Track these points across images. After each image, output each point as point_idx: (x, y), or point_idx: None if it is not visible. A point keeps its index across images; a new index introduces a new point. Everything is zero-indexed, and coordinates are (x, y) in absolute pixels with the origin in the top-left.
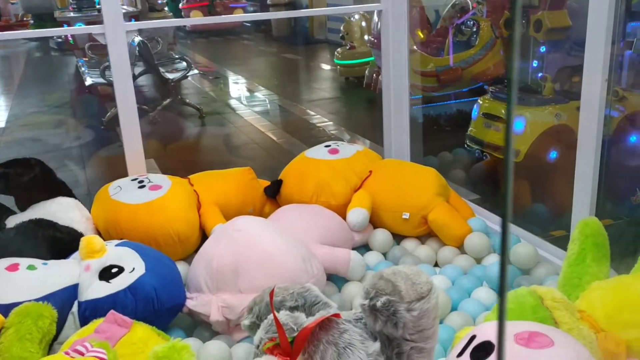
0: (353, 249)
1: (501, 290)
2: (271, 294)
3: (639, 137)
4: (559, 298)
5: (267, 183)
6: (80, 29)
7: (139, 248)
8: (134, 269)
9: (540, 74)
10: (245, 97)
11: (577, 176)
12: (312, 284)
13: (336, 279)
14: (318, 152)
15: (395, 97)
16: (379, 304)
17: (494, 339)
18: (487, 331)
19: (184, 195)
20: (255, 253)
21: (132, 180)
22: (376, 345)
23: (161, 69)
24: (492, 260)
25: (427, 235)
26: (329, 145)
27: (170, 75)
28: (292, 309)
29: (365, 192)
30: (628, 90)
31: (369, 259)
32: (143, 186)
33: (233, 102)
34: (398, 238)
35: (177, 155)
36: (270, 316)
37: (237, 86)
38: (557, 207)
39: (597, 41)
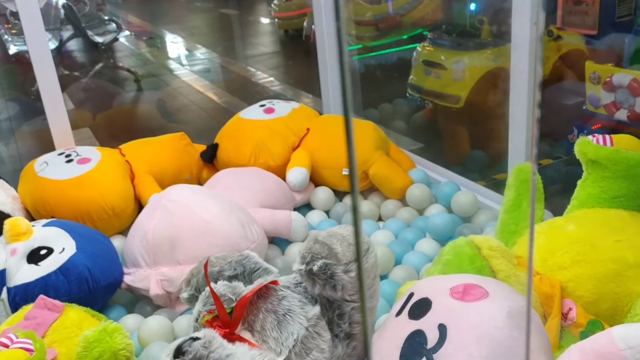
0: (295, 209)
1: None
2: (205, 265)
3: (574, 75)
4: (496, 246)
5: (204, 147)
6: None
7: (68, 226)
8: (64, 249)
9: (478, 18)
10: (182, 57)
11: (511, 120)
12: (253, 249)
13: (279, 242)
14: (253, 113)
15: (330, 49)
16: (315, 268)
17: (431, 296)
18: (424, 288)
19: (116, 167)
20: (191, 222)
21: (59, 154)
22: (316, 309)
23: (90, 32)
24: (434, 211)
25: (369, 190)
26: (264, 105)
27: (99, 39)
28: (231, 278)
29: (303, 150)
30: (563, 29)
31: (312, 218)
32: (71, 160)
33: (170, 63)
34: (340, 195)
35: (113, 122)
36: (208, 288)
37: (173, 46)
38: (498, 151)
39: None
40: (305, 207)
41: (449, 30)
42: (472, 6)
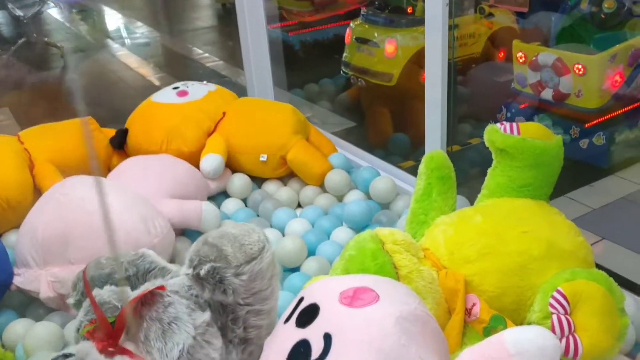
0: (210, 197)
1: None
2: (84, 271)
3: (505, 53)
4: (400, 240)
5: (113, 132)
6: None
7: None
8: None
9: None
10: (113, 30)
11: (427, 103)
12: (156, 243)
13: (191, 233)
14: (165, 96)
15: (250, 24)
16: (202, 272)
17: (320, 301)
18: (314, 292)
19: (11, 156)
20: (85, 218)
21: None
22: (205, 316)
23: (10, 5)
24: (353, 197)
25: (288, 175)
26: (177, 87)
27: (21, 12)
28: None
29: (219, 135)
30: (494, 7)
31: (228, 206)
32: None
33: (100, 38)
34: (259, 181)
35: (35, 101)
36: (94, 293)
37: (104, 19)
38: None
39: None
40: (221, 195)
41: (382, 7)
42: None
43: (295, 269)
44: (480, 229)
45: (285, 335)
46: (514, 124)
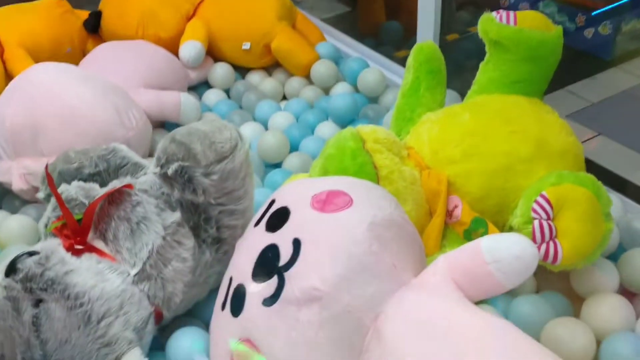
0: (191, 87)
1: None
2: (46, 167)
3: None
4: (383, 138)
5: (87, 15)
6: None
7: None
8: None
9: None
10: None
11: None
12: (131, 136)
13: (170, 126)
14: None
15: None
16: (170, 171)
17: (291, 205)
18: (286, 195)
19: None
20: (55, 108)
21: None
22: (175, 216)
23: None
24: (340, 90)
25: (273, 65)
26: None
27: None
28: (93, 175)
29: (198, 21)
30: None
31: (209, 98)
32: None
33: None
34: (243, 71)
35: None
36: (61, 189)
37: None
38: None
39: None
40: (203, 86)
41: None
42: None
43: (277, 165)
44: (467, 128)
45: (255, 239)
46: (511, 13)
